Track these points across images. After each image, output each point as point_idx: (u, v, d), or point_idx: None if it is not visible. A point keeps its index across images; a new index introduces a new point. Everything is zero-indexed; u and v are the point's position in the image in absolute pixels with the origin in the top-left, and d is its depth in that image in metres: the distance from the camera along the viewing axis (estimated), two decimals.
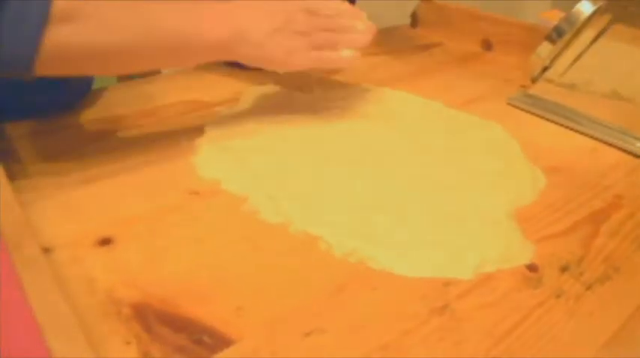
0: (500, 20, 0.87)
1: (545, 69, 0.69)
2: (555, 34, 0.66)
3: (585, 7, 0.65)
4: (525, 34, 0.83)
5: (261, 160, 0.53)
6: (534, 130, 0.65)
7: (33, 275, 0.37)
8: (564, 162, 0.58)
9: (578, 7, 0.65)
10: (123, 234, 0.43)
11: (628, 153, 0.61)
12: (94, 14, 0.45)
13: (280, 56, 0.55)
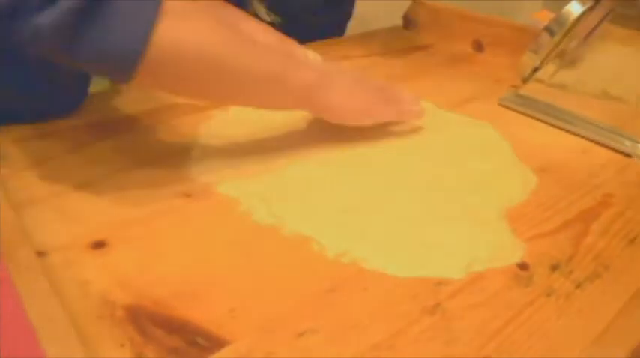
0: (491, 21, 0.88)
1: (536, 69, 0.69)
2: (545, 34, 0.66)
3: (575, 7, 0.66)
4: (516, 34, 0.83)
5: (254, 163, 0.54)
6: (525, 130, 0.65)
7: (27, 279, 0.37)
8: (555, 162, 0.59)
9: (567, 8, 0.66)
10: (116, 237, 0.44)
11: (618, 152, 0.61)
12: (204, 18, 0.45)
13: (362, 106, 0.57)
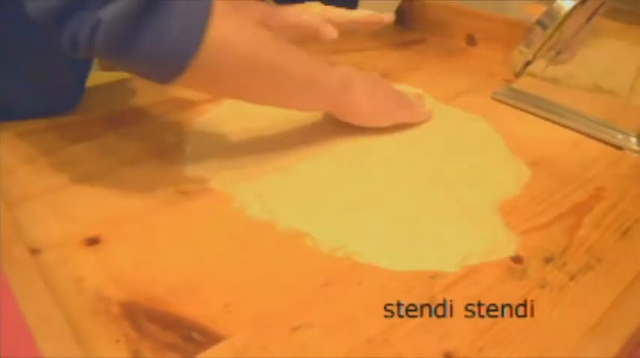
0: (484, 15, 0.88)
1: (528, 63, 0.69)
2: (537, 28, 0.67)
3: (566, 1, 0.66)
4: (509, 29, 0.83)
5: (248, 158, 0.54)
6: (518, 124, 0.66)
7: (21, 276, 0.37)
8: (548, 155, 0.59)
9: (559, 1, 0.66)
10: (110, 234, 0.44)
11: (610, 145, 0.62)
12: (243, 18, 0.47)
13: (382, 108, 0.60)
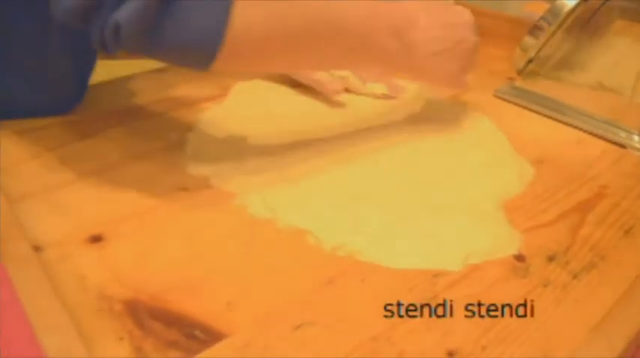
0: (486, 13, 0.87)
1: (531, 61, 0.69)
2: (539, 26, 0.66)
3: None
4: (511, 26, 0.83)
5: (250, 156, 0.54)
6: (521, 122, 0.66)
7: (24, 274, 0.37)
8: (551, 154, 0.59)
9: None
10: (113, 231, 0.44)
11: (613, 143, 0.62)
12: None
13: (440, 75, 0.56)
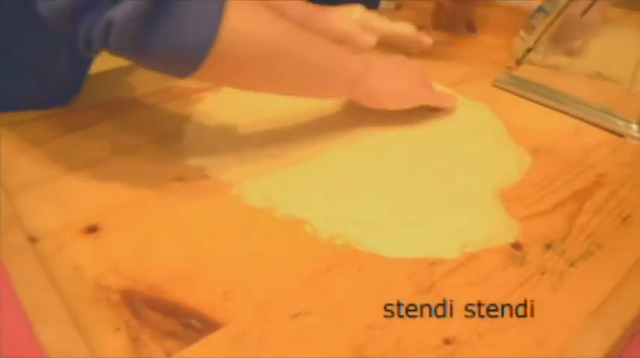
0: (484, 2, 0.87)
1: (529, 50, 0.69)
2: (538, 15, 0.66)
3: None
4: (510, 15, 0.83)
5: (247, 146, 0.53)
6: (519, 111, 0.65)
7: (20, 265, 0.37)
8: (549, 142, 0.59)
9: None
10: (109, 222, 0.43)
11: (611, 132, 0.61)
12: (261, 8, 0.46)
13: (404, 89, 0.58)
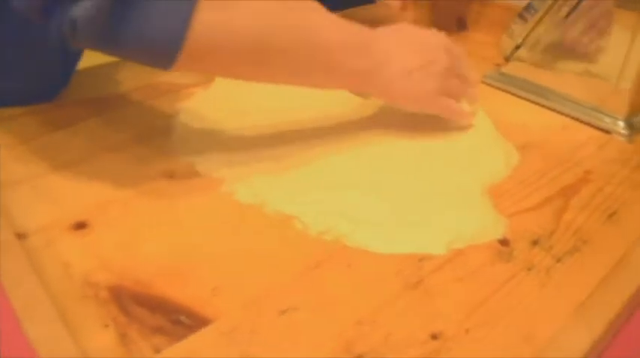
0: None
1: (518, 47, 0.69)
2: (527, 12, 0.66)
3: None
4: (500, 12, 0.83)
5: (236, 141, 0.53)
6: (508, 108, 0.66)
7: (7, 261, 0.37)
8: (537, 139, 0.59)
9: None
10: (98, 218, 0.43)
11: (598, 129, 0.62)
12: None
13: (413, 95, 0.55)
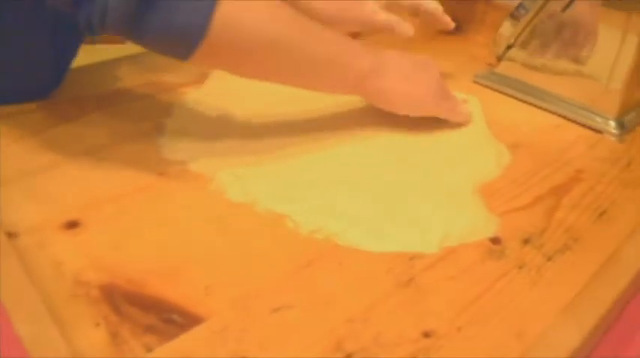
0: None
1: (510, 47, 0.70)
2: (518, 12, 0.67)
3: None
4: (492, 12, 0.83)
5: (228, 140, 0.53)
6: (499, 107, 0.66)
7: None
8: (528, 138, 0.59)
9: None
10: (89, 217, 0.43)
11: (589, 128, 0.62)
12: None
13: (416, 96, 0.56)
